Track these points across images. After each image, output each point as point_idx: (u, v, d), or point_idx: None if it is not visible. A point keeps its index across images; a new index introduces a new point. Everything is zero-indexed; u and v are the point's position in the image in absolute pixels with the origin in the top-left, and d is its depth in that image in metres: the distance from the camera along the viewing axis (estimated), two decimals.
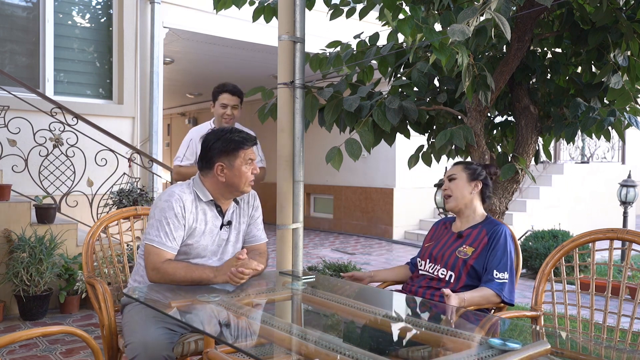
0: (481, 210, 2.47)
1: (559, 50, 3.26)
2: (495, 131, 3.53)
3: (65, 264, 4.15)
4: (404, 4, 2.95)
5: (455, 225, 2.50)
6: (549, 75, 3.25)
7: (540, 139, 3.35)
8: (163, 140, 6.38)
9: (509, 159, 3.10)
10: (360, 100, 2.83)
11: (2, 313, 3.93)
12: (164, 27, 6.16)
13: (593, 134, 3.08)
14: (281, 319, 1.90)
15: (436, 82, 3.26)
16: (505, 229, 2.37)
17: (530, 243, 6.05)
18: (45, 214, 4.24)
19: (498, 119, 3.53)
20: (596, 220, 8.87)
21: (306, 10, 2.84)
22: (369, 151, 2.83)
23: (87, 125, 4.79)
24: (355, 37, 3.28)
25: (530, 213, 8.32)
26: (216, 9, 3.18)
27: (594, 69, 3.11)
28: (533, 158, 3.24)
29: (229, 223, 2.25)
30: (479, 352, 1.41)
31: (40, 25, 5.61)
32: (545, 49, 3.30)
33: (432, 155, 3.28)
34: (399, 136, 3.17)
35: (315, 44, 3.89)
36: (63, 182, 4.79)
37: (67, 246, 4.23)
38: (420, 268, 2.48)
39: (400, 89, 3.02)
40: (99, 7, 5.97)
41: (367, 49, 3.17)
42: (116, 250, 2.74)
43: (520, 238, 6.31)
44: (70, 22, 5.79)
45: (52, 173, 4.74)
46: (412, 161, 3.28)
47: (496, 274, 2.24)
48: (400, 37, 3.16)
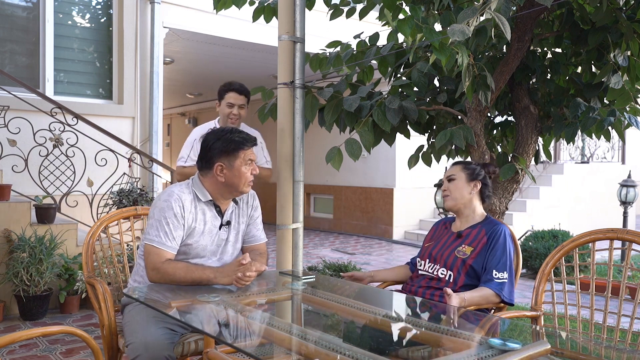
0: (481, 210, 2.47)
1: (559, 50, 3.26)
2: (495, 131, 3.53)
3: (65, 264, 4.15)
4: (404, 4, 2.95)
5: (454, 225, 2.50)
6: (549, 75, 3.25)
7: (540, 139, 3.35)
8: (163, 140, 6.38)
9: (509, 159, 3.10)
10: (360, 100, 2.83)
11: (2, 313, 3.93)
12: (164, 27, 6.16)
13: (593, 134, 3.08)
14: (281, 319, 1.90)
15: (436, 82, 3.25)
16: (505, 228, 2.36)
17: (530, 243, 6.05)
18: (45, 214, 4.25)
19: (498, 119, 3.53)
20: (596, 220, 8.87)
21: (306, 10, 2.84)
22: (369, 151, 2.83)
23: (87, 125, 4.79)
24: (355, 37, 3.28)
25: (530, 213, 8.32)
26: (216, 9, 3.18)
27: (594, 69, 3.11)
28: (533, 158, 3.24)
29: (228, 223, 2.25)
30: (479, 352, 1.41)
31: (40, 25, 5.61)
32: (545, 49, 3.30)
33: (432, 155, 3.28)
34: (399, 136, 3.17)
35: (315, 44, 3.89)
36: (63, 182, 4.79)
37: (67, 246, 4.23)
38: (420, 268, 2.48)
39: (400, 89, 3.02)
40: (99, 7, 5.97)
41: (367, 49, 3.17)
42: (116, 250, 2.74)
43: (520, 238, 6.30)
44: (70, 22, 5.79)
45: (52, 173, 4.74)
46: (412, 161, 3.28)
47: (495, 274, 2.24)
48: (400, 37, 3.16)
